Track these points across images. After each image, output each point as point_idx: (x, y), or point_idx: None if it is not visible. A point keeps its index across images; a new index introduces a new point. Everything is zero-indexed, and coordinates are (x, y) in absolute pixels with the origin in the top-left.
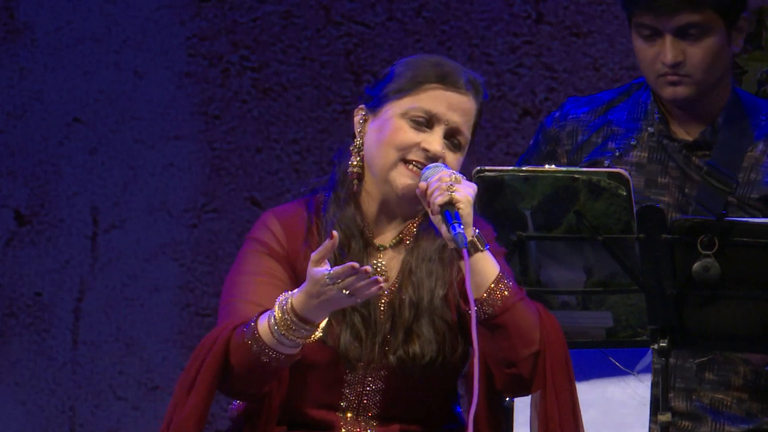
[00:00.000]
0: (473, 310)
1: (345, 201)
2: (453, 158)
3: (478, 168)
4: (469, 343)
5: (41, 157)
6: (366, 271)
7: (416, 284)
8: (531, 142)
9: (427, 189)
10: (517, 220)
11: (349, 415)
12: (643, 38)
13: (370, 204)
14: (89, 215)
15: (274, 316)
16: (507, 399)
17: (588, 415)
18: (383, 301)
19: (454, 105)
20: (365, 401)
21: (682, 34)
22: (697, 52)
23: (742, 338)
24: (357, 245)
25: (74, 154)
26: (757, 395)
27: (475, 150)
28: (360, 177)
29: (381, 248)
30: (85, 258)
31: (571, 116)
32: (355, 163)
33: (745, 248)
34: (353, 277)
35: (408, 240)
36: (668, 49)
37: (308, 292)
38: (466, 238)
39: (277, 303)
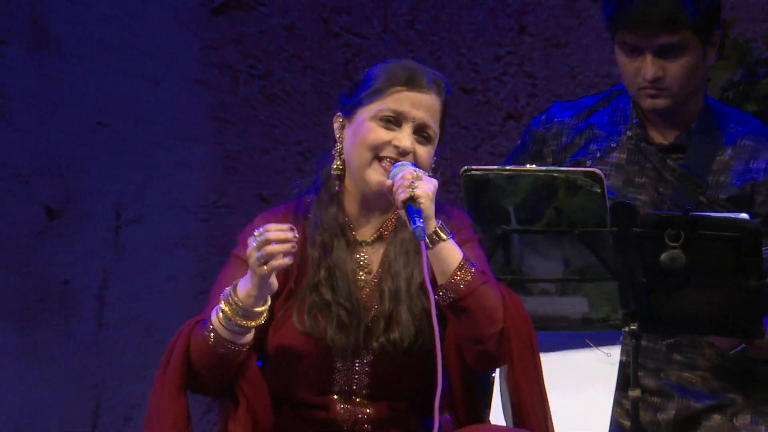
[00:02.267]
0: (432, 298)
1: (328, 202)
2: (423, 150)
3: (466, 167)
4: (444, 325)
5: (69, 157)
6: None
7: (394, 275)
8: (518, 142)
9: (392, 186)
10: (501, 215)
11: (341, 397)
12: (626, 54)
13: (350, 203)
14: (112, 210)
15: (221, 308)
16: (493, 374)
17: (563, 389)
18: (366, 292)
19: (418, 103)
20: (355, 384)
21: (661, 52)
22: (675, 69)
23: (706, 323)
24: (340, 242)
25: (98, 155)
26: (719, 375)
27: (462, 151)
28: (341, 178)
29: (363, 243)
30: (109, 249)
31: (556, 119)
32: (336, 165)
33: (709, 241)
34: (265, 238)
35: (387, 234)
36: (649, 66)
37: (247, 276)
38: (424, 231)
39: (222, 295)
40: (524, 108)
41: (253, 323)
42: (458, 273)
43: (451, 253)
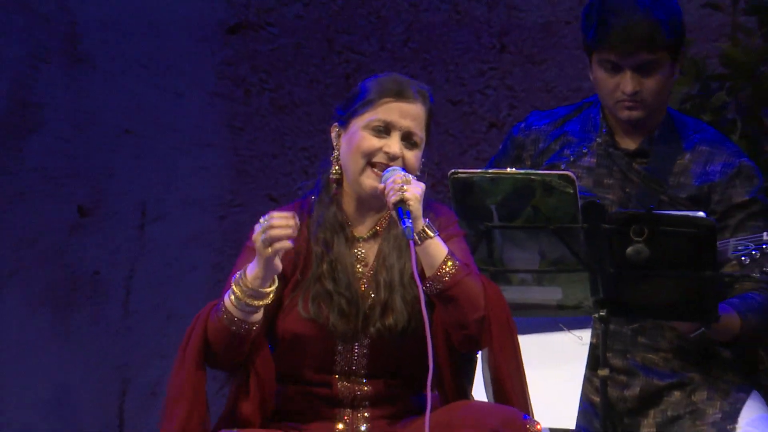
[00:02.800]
0: (421, 290)
1: (328, 203)
2: (411, 155)
3: (453, 170)
4: (433, 312)
5: (98, 161)
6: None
7: (389, 267)
8: (500, 147)
9: (384, 189)
10: (484, 213)
11: (342, 376)
12: (606, 71)
13: (348, 203)
14: (137, 209)
15: (233, 290)
16: (476, 354)
17: (537, 369)
18: (364, 282)
19: (405, 113)
20: (354, 365)
21: (639, 69)
22: (651, 84)
23: (667, 309)
24: (339, 238)
25: (125, 160)
26: (679, 356)
27: (449, 156)
28: (339, 182)
29: (360, 239)
30: (134, 244)
31: (534, 127)
32: (334, 171)
33: (669, 236)
34: (269, 224)
35: (381, 231)
36: (628, 82)
37: (255, 260)
38: (413, 231)
39: (233, 279)
40: (505, 118)
41: (261, 303)
42: (444, 266)
43: (437, 248)
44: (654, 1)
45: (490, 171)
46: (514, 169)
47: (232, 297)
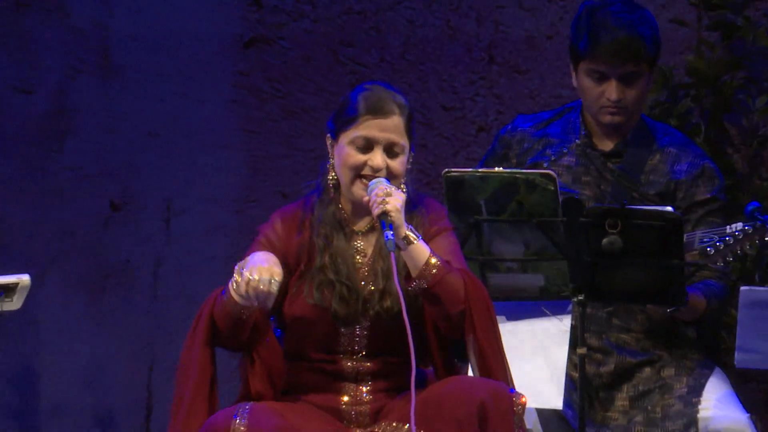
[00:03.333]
0: (402, 297)
1: (327, 203)
2: (395, 163)
3: (446, 170)
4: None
5: (128, 161)
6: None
7: (385, 257)
8: (489, 148)
9: (369, 201)
10: (474, 208)
11: (345, 355)
12: (593, 79)
13: (346, 202)
14: (164, 204)
15: (234, 279)
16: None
17: (522, 348)
18: (363, 271)
19: (385, 127)
20: (356, 345)
21: (623, 79)
22: (633, 92)
23: (639, 294)
24: (339, 234)
25: (152, 160)
26: (649, 336)
27: (443, 156)
28: (336, 185)
29: (358, 233)
30: (161, 235)
31: (519, 129)
32: (330, 177)
33: (640, 228)
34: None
35: (377, 225)
36: (614, 90)
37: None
38: (394, 243)
39: (235, 269)
40: (493, 122)
41: (266, 290)
42: (426, 267)
43: (420, 251)
44: (638, 17)
45: (479, 170)
46: (500, 168)
47: (234, 285)
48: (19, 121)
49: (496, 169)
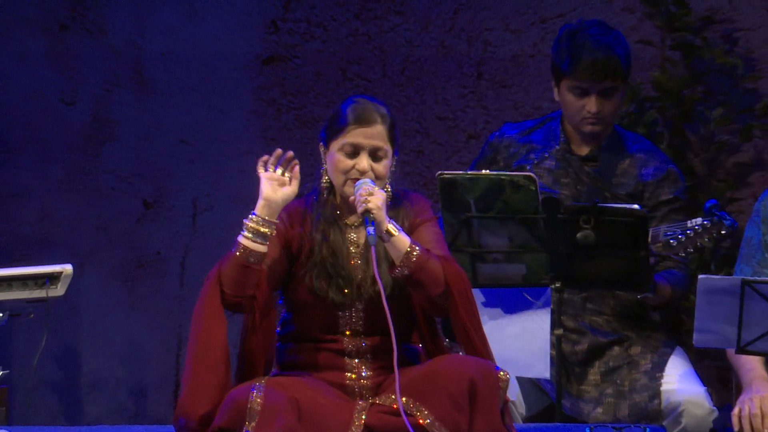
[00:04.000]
0: (381, 288)
1: (323, 202)
2: (379, 166)
3: (440, 172)
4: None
5: (160, 165)
6: (287, 154)
7: (376, 247)
8: (480, 151)
9: (352, 200)
10: (465, 206)
11: (345, 334)
12: (575, 95)
13: (339, 200)
14: (191, 203)
15: (246, 225)
16: None
17: (507, 330)
18: (356, 260)
19: (369, 135)
20: (355, 325)
21: (602, 94)
22: (610, 105)
23: (609, 282)
24: (334, 229)
25: (181, 164)
26: (619, 319)
27: (437, 161)
28: (329, 187)
29: (352, 226)
30: (188, 230)
31: (506, 135)
32: (324, 180)
33: (611, 224)
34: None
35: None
36: (594, 104)
37: (260, 197)
38: (375, 236)
39: (245, 220)
40: (481, 131)
41: (269, 231)
42: (407, 256)
43: (401, 242)
44: (613, 39)
45: (469, 173)
46: (488, 170)
47: (246, 233)
48: (63, 130)
49: (484, 171)
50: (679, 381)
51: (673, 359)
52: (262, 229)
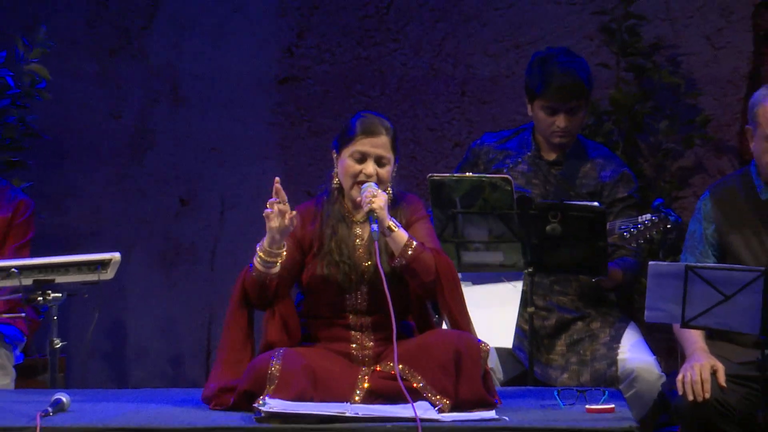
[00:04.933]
0: (383, 277)
1: (333, 201)
2: (383, 171)
3: (430, 174)
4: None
5: (193, 168)
6: (275, 182)
7: (378, 241)
8: (463, 157)
9: (359, 200)
10: (451, 203)
11: (351, 313)
12: (545, 113)
13: (347, 200)
14: (219, 200)
15: (257, 253)
16: None
17: (487, 308)
18: (361, 251)
19: (375, 144)
20: (358, 305)
21: (569, 111)
22: (575, 121)
23: (573, 267)
24: (342, 225)
25: (211, 168)
26: (581, 298)
27: (428, 166)
28: (339, 188)
29: (357, 223)
30: (217, 223)
31: (486, 143)
32: (335, 182)
33: (574, 218)
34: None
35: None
36: (562, 120)
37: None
38: (378, 233)
39: (258, 246)
40: (465, 140)
41: (276, 259)
42: (405, 248)
43: (400, 237)
44: (578, 65)
45: (455, 175)
46: (471, 173)
47: (258, 258)
48: (111, 138)
49: (468, 174)
50: (632, 351)
51: (627, 332)
52: (268, 259)
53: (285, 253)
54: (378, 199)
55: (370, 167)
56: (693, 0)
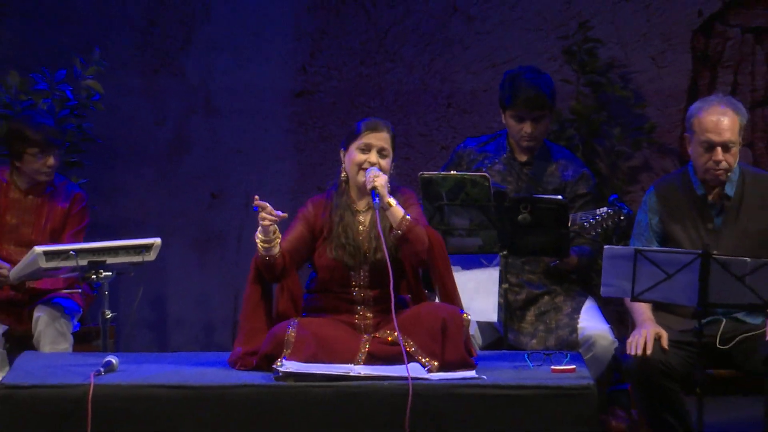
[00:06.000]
0: (383, 242)
1: (341, 193)
2: (384, 161)
3: (421, 172)
4: (398, 251)
5: (222, 168)
6: (255, 199)
7: (374, 221)
8: (449, 158)
9: (365, 181)
10: (439, 197)
11: (355, 288)
12: (515, 121)
13: (352, 192)
14: (244, 195)
15: (257, 243)
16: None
17: (468, 284)
18: (364, 235)
19: (378, 138)
20: (361, 281)
21: (535, 120)
22: (541, 128)
23: (540, 251)
24: (347, 213)
25: (237, 167)
26: (548, 276)
27: (419, 165)
28: (347, 181)
29: (360, 212)
30: (242, 214)
31: (468, 146)
32: (342, 175)
33: (542, 210)
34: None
35: (370, 195)
36: (529, 127)
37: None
38: (378, 205)
39: (255, 237)
40: (450, 144)
41: (270, 245)
42: (402, 221)
43: (397, 211)
44: (543, 80)
45: (442, 173)
46: (455, 172)
47: (259, 246)
48: (154, 143)
49: (453, 172)
50: (590, 320)
51: (586, 305)
52: (266, 245)
53: (279, 240)
54: (379, 178)
55: (373, 156)
56: (640, 27)
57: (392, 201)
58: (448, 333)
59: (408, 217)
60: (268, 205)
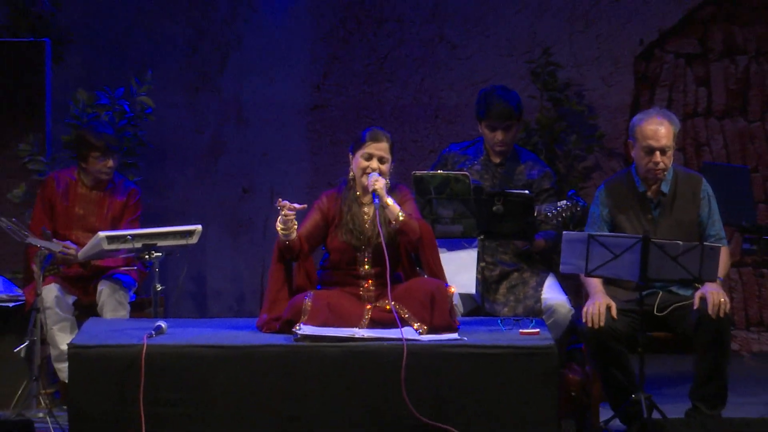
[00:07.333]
0: (382, 234)
1: (349, 188)
2: (384, 166)
3: (414, 172)
4: (396, 239)
5: (251, 169)
6: (278, 201)
7: (379, 213)
8: (435, 161)
9: (367, 185)
10: (428, 191)
11: (361, 266)
12: (488, 130)
13: (359, 188)
14: (269, 190)
15: (277, 230)
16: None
17: (452, 263)
18: (368, 223)
19: (378, 148)
20: (366, 260)
21: (505, 129)
22: (510, 136)
23: (511, 236)
24: (355, 204)
25: (263, 169)
26: (517, 256)
27: (411, 166)
28: (353, 179)
29: (365, 204)
30: (268, 205)
31: (452, 150)
32: (350, 174)
33: (513, 202)
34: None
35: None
36: (499, 136)
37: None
38: (378, 204)
39: (277, 225)
40: (437, 148)
41: (290, 231)
42: (398, 216)
43: (395, 208)
44: (511, 97)
45: (430, 172)
46: (441, 171)
47: (279, 233)
48: (196, 148)
49: (439, 171)
50: (551, 292)
51: (548, 280)
52: (285, 232)
53: (295, 227)
54: (379, 182)
55: (374, 163)
56: (592, 52)
57: (390, 200)
58: (436, 302)
59: (403, 214)
60: (287, 203)
